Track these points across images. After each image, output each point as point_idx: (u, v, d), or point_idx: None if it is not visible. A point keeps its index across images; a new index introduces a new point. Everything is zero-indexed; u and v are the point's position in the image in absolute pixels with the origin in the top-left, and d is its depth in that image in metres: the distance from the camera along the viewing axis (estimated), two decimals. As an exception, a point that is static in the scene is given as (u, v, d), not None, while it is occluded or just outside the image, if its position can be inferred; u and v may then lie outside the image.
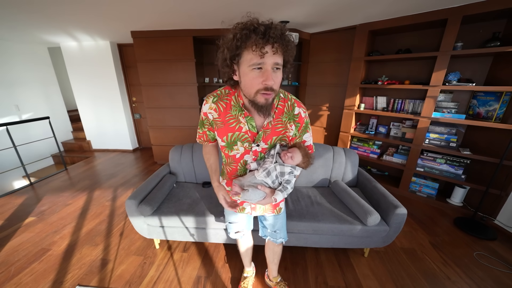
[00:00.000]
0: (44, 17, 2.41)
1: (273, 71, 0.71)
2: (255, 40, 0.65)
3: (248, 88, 0.75)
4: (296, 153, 0.89)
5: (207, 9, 2.22)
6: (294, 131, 0.93)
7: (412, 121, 2.65)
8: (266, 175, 0.87)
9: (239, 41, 0.67)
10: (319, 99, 3.40)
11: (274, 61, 0.69)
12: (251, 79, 0.72)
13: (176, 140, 3.59)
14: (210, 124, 0.93)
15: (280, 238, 1.24)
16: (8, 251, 1.82)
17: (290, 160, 0.88)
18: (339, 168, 2.02)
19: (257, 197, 0.85)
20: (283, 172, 0.87)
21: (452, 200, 2.42)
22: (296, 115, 0.91)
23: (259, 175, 0.87)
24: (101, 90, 4.11)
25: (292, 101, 0.91)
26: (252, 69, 0.70)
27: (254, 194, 0.84)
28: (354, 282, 1.54)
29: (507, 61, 2.00)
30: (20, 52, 3.76)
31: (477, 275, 1.60)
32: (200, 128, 0.99)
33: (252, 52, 0.67)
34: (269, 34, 0.65)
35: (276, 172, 0.87)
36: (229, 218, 1.23)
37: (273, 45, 0.67)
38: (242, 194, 0.86)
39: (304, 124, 0.93)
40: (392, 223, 1.50)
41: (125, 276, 1.58)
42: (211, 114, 0.89)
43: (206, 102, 0.89)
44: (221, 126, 0.89)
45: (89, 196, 2.69)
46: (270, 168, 0.86)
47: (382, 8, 2.11)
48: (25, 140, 3.63)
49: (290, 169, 0.88)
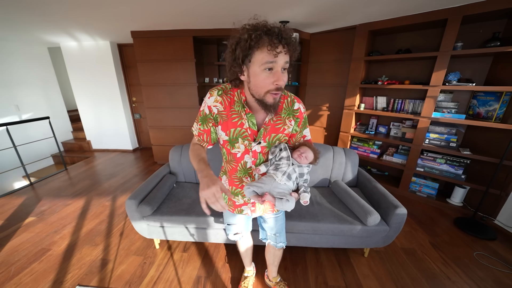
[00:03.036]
0: (44, 17, 2.41)
1: (282, 71, 0.75)
2: (270, 41, 0.69)
3: (258, 88, 0.77)
4: (309, 152, 0.90)
5: (207, 9, 2.22)
6: (294, 126, 0.94)
7: (412, 121, 2.65)
8: (287, 179, 0.85)
9: (253, 41, 0.70)
10: (319, 99, 3.40)
11: (285, 61, 0.73)
12: (262, 79, 0.75)
13: (176, 140, 3.59)
14: (214, 119, 0.89)
15: (280, 243, 1.23)
16: (8, 251, 1.82)
17: (305, 160, 0.89)
18: (339, 168, 2.02)
19: (293, 205, 0.82)
20: (302, 173, 0.88)
21: (452, 200, 2.42)
22: (296, 110, 0.93)
23: (281, 179, 0.85)
24: (101, 90, 4.11)
25: (291, 97, 0.93)
26: (263, 70, 0.73)
27: (292, 203, 0.81)
28: (354, 282, 1.54)
29: (507, 61, 2.00)
30: (20, 52, 3.76)
31: (477, 275, 1.60)
32: (202, 124, 0.91)
33: (267, 51, 0.70)
34: (282, 36, 0.70)
35: (296, 174, 0.87)
36: (227, 220, 1.22)
37: (284, 46, 0.71)
38: (279, 204, 0.82)
39: (303, 119, 0.96)
40: (392, 223, 1.50)
41: (125, 276, 1.58)
42: (216, 107, 0.87)
43: (210, 95, 0.87)
44: (226, 120, 0.88)
45: (89, 196, 2.69)
46: (289, 171, 0.86)
47: (382, 8, 2.11)
48: (25, 140, 3.62)
49: (308, 169, 0.89)
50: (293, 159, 0.89)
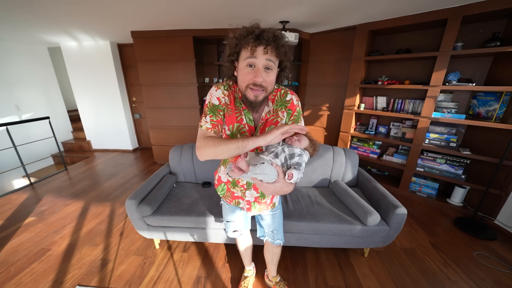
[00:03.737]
0: (44, 17, 2.41)
1: (265, 71, 0.78)
2: (250, 40, 0.75)
3: (241, 82, 0.83)
4: (303, 137, 0.86)
5: (207, 9, 2.22)
6: (286, 118, 0.91)
7: (412, 121, 2.65)
8: (273, 156, 0.76)
9: (237, 40, 0.78)
10: (319, 99, 3.40)
11: (265, 60, 0.77)
12: (244, 74, 0.80)
13: (176, 140, 3.59)
14: (223, 110, 0.88)
15: (277, 240, 1.24)
16: (8, 251, 1.82)
17: (297, 143, 0.83)
18: (339, 168, 2.02)
19: (271, 173, 0.72)
20: (293, 154, 0.79)
21: (452, 200, 2.42)
22: (288, 101, 0.91)
23: (267, 156, 0.76)
24: (101, 90, 4.10)
25: (285, 89, 0.94)
26: (246, 65, 0.78)
27: (267, 169, 0.72)
28: (354, 282, 1.54)
29: (507, 61, 2.00)
30: (20, 52, 3.76)
31: (477, 275, 1.60)
32: (214, 115, 0.85)
33: (249, 50, 0.76)
34: (262, 36, 0.75)
35: (285, 154, 0.78)
36: (226, 217, 1.23)
37: (266, 46, 0.75)
38: (252, 169, 0.73)
39: (296, 112, 0.91)
40: (392, 223, 1.50)
41: (125, 276, 1.58)
42: (224, 99, 0.88)
43: (217, 88, 0.88)
44: (230, 114, 0.90)
45: (89, 196, 2.69)
46: (277, 150, 0.78)
47: (382, 8, 2.11)
48: (25, 140, 3.63)
49: (300, 151, 0.81)
50: (284, 143, 0.83)
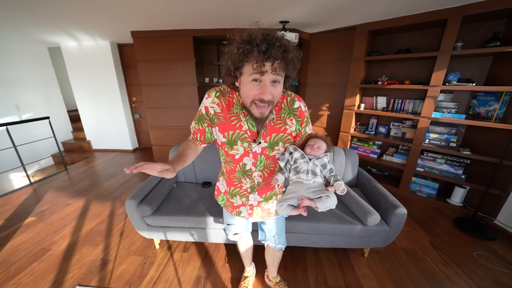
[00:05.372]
0: (44, 17, 2.40)
1: (272, 85, 0.73)
2: (257, 57, 0.67)
3: (245, 97, 0.79)
4: (319, 141, 0.87)
5: (208, 9, 2.22)
6: (296, 125, 0.91)
7: (412, 121, 2.65)
8: (313, 175, 0.80)
9: (241, 56, 0.70)
10: (319, 99, 3.40)
11: (273, 78, 0.72)
12: (248, 90, 0.75)
13: (176, 140, 3.59)
14: (210, 120, 0.90)
15: (279, 244, 1.23)
16: (8, 251, 1.82)
17: (319, 151, 0.86)
18: (339, 168, 2.02)
19: (335, 201, 0.75)
20: (324, 164, 0.83)
21: (452, 200, 2.42)
22: (296, 109, 0.90)
23: (308, 179, 0.80)
24: (101, 90, 4.10)
25: (292, 96, 0.91)
26: (251, 81, 0.73)
27: (333, 198, 0.74)
28: (354, 282, 1.54)
29: (507, 61, 2.00)
30: (20, 52, 3.76)
31: (477, 275, 1.60)
32: (198, 124, 0.92)
33: (253, 68, 0.69)
34: (270, 53, 0.66)
35: (319, 167, 0.82)
36: (227, 220, 1.21)
37: (273, 63, 0.68)
38: (321, 204, 0.74)
39: (305, 118, 0.93)
40: (392, 223, 1.50)
41: (125, 276, 1.58)
42: (213, 108, 0.88)
43: (208, 96, 0.88)
44: (223, 121, 0.88)
45: (89, 196, 2.69)
46: (310, 167, 0.81)
47: (382, 8, 2.11)
48: (25, 140, 3.62)
49: (327, 158, 0.85)
50: (307, 155, 0.85)
